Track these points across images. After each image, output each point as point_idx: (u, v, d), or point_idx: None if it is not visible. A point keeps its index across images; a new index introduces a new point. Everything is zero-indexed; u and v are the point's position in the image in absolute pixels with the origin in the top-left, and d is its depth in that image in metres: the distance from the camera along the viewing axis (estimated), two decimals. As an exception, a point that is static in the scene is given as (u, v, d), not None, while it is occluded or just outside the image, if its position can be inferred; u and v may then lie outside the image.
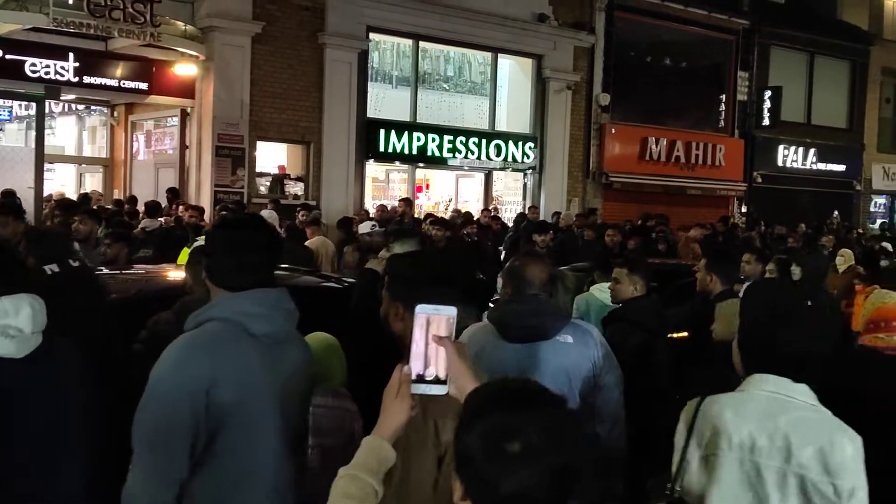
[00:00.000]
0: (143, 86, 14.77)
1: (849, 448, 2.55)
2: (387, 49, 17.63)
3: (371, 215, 13.43)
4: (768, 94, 22.74)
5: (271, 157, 16.11)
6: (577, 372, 3.91)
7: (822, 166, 24.87)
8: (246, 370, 2.64)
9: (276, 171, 16.15)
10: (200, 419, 2.55)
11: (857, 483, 2.54)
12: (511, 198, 19.48)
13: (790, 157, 24.18)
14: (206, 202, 14.27)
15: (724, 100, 22.84)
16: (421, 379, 1.97)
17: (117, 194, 16.48)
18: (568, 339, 3.90)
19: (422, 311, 2.00)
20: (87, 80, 14.29)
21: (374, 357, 3.01)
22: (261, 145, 15.56)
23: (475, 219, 15.08)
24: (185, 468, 2.56)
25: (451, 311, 1.99)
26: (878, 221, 26.25)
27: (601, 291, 6.36)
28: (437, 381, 1.98)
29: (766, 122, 22.81)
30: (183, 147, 15.66)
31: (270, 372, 2.71)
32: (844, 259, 9.74)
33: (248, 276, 2.73)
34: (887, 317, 3.91)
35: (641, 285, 5.46)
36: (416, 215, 15.23)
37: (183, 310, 4.36)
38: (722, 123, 22.89)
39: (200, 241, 8.40)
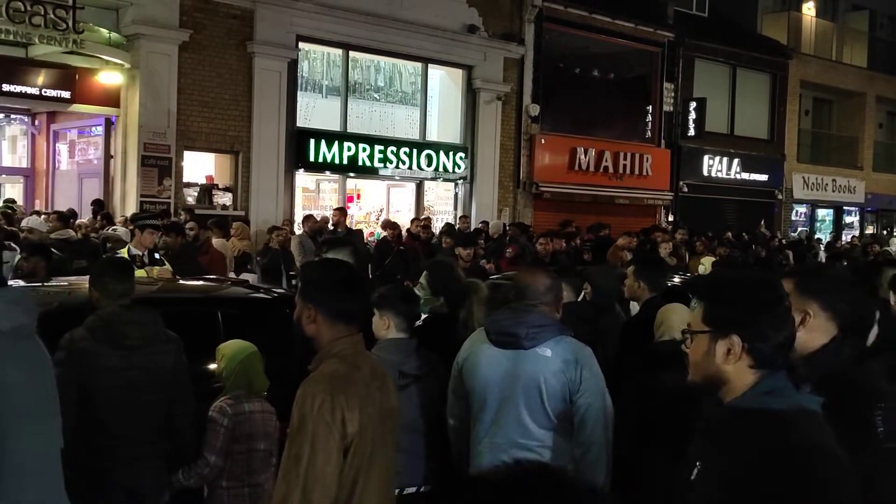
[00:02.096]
0: (66, 94, 14.35)
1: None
2: (317, 58, 17.53)
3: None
4: (693, 105, 23.20)
5: (199, 166, 15.85)
6: (550, 388, 3.82)
7: (745, 176, 25.47)
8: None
9: (203, 181, 15.91)
10: None
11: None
12: (442, 207, 19.52)
13: (715, 166, 24.71)
14: (131, 213, 13.96)
15: (650, 111, 23.25)
16: None
17: (39, 205, 16.05)
18: (546, 353, 3.84)
19: None
20: (6, 87, 13.84)
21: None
22: (188, 155, 15.32)
23: (407, 228, 15.15)
24: None
25: None
26: (799, 230, 27.01)
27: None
28: None
29: (692, 132, 23.25)
30: (108, 157, 15.32)
31: (26, 365, 2.62)
32: (706, 268, 10.89)
33: None
34: None
35: (569, 291, 5.53)
36: (348, 225, 15.20)
37: (94, 325, 4.26)
38: (649, 134, 23.29)
39: (123, 252, 8.26)
